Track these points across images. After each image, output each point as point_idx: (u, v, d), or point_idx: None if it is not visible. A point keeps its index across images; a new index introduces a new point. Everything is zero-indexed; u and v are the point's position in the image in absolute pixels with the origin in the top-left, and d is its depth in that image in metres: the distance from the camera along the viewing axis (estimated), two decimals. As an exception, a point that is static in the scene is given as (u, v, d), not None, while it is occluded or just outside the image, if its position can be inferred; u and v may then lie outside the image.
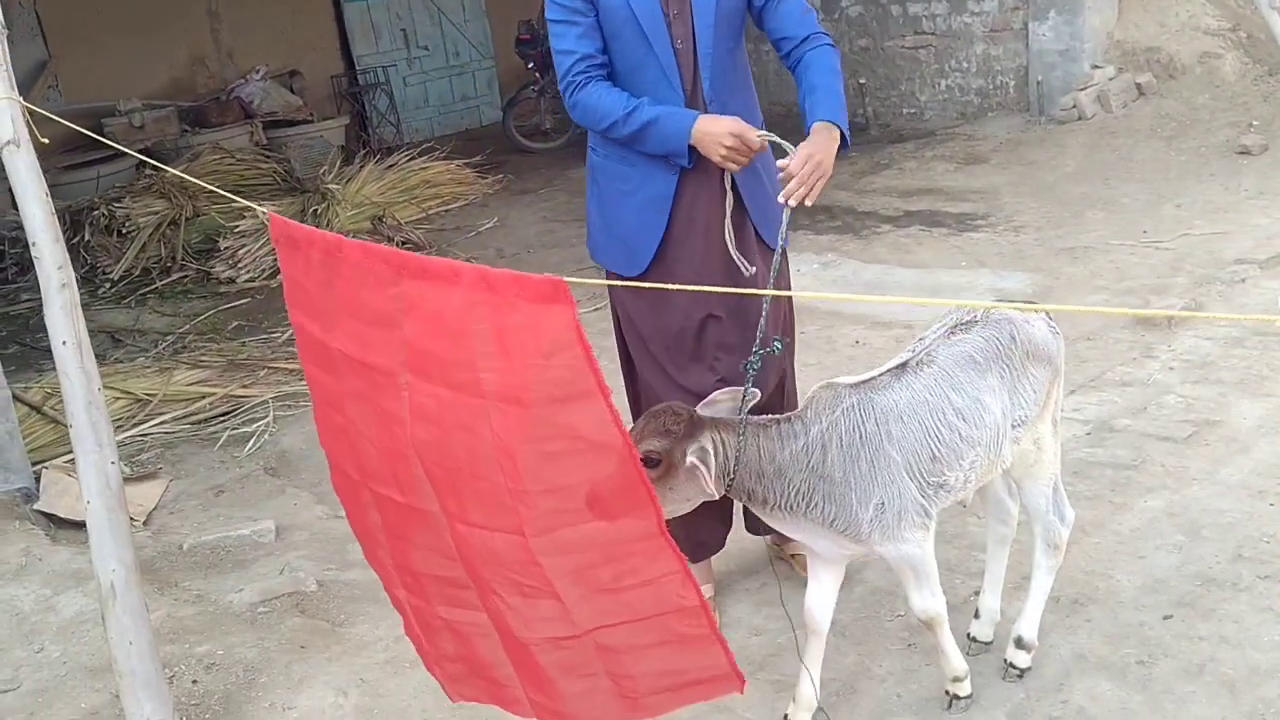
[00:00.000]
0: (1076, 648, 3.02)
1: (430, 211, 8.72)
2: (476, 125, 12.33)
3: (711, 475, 2.45)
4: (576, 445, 1.90)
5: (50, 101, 9.36)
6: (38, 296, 2.97)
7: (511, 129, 10.69)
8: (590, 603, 2.16)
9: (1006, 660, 2.94)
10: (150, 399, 5.32)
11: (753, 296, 2.91)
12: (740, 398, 2.62)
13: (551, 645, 2.25)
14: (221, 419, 5.22)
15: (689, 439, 2.47)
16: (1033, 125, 8.64)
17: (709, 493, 2.52)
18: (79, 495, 3.48)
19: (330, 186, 8.36)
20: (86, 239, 8.05)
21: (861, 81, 9.61)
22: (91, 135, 4.39)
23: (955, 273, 6.10)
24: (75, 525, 4.09)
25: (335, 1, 11.60)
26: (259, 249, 7.65)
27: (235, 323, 6.72)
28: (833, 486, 2.55)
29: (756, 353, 2.64)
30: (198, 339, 6.43)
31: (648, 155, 2.96)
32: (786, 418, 2.61)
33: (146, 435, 5.11)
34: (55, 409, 4.87)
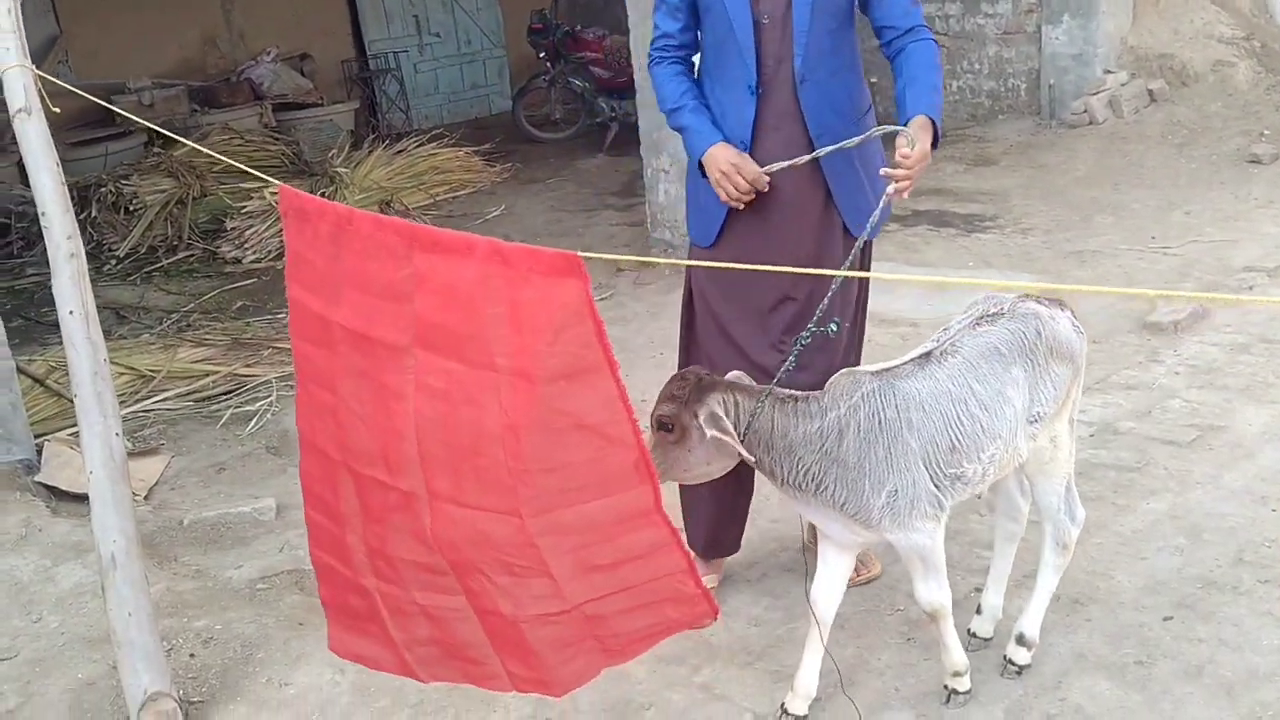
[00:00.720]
0: (1076, 646, 3.01)
1: (438, 198, 8.72)
2: (486, 114, 12.32)
3: (726, 434, 2.47)
4: (582, 421, 1.89)
5: (60, 77, 9.34)
6: (43, 271, 2.97)
7: (521, 118, 10.68)
8: (583, 579, 2.16)
9: (1006, 657, 2.93)
10: (154, 376, 5.32)
11: (828, 285, 2.87)
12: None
13: (541, 622, 2.25)
14: (224, 397, 5.23)
15: (696, 402, 2.49)
16: (1043, 129, 8.62)
17: (732, 453, 2.53)
18: (80, 468, 3.49)
19: (338, 170, 8.36)
20: (93, 215, 8.06)
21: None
22: (105, 105, 4.40)
23: (962, 273, 6.09)
24: (76, 498, 4.09)
25: (348, -15, 11.59)
26: (265, 230, 7.65)
27: (240, 303, 6.73)
28: (846, 471, 2.55)
29: (810, 330, 2.67)
30: (202, 318, 6.44)
31: (724, 128, 3.01)
32: (806, 397, 2.60)
33: (149, 411, 5.11)
34: (59, 383, 4.87)
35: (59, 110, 3.14)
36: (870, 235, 2.90)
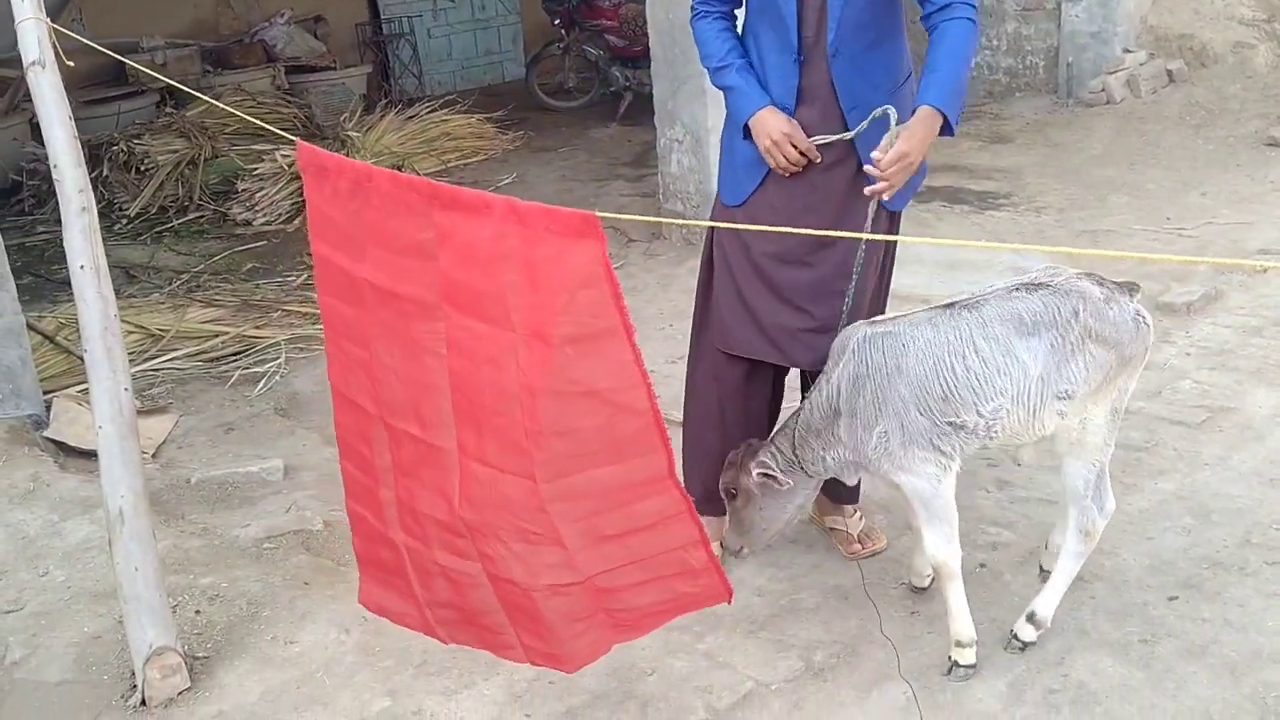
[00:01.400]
0: (1080, 623, 3.01)
1: (449, 164, 8.68)
2: (499, 81, 12.25)
3: (778, 478, 2.81)
4: (594, 387, 1.88)
5: (74, 34, 9.30)
6: (54, 229, 2.97)
7: (534, 86, 10.61)
8: (594, 549, 2.16)
9: (1013, 631, 2.93)
10: (163, 335, 5.33)
11: (846, 257, 2.99)
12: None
13: (553, 592, 2.25)
14: (233, 358, 5.23)
15: (749, 461, 2.84)
16: (1060, 107, 8.57)
17: (797, 494, 2.89)
18: (89, 425, 3.50)
19: (350, 134, 8.34)
20: (105, 174, 8.02)
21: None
22: (120, 59, 4.37)
23: (975, 251, 6.06)
24: (84, 455, 4.11)
25: (363, -53, 11.52)
26: (276, 193, 7.64)
27: (250, 264, 6.72)
28: (844, 419, 2.73)
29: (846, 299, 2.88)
30: (212, 279, 6.44)
31: (769, 92, 3.00)
32: (816, 384, 2.80)
33: (158, 370, 5.12)
34: (69, 339, 4.88)
35: (73, 64, 3.12)
36: (896, 206, 2.98)
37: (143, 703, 2.90)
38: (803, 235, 2.88)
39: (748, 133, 3.02)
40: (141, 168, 8.03)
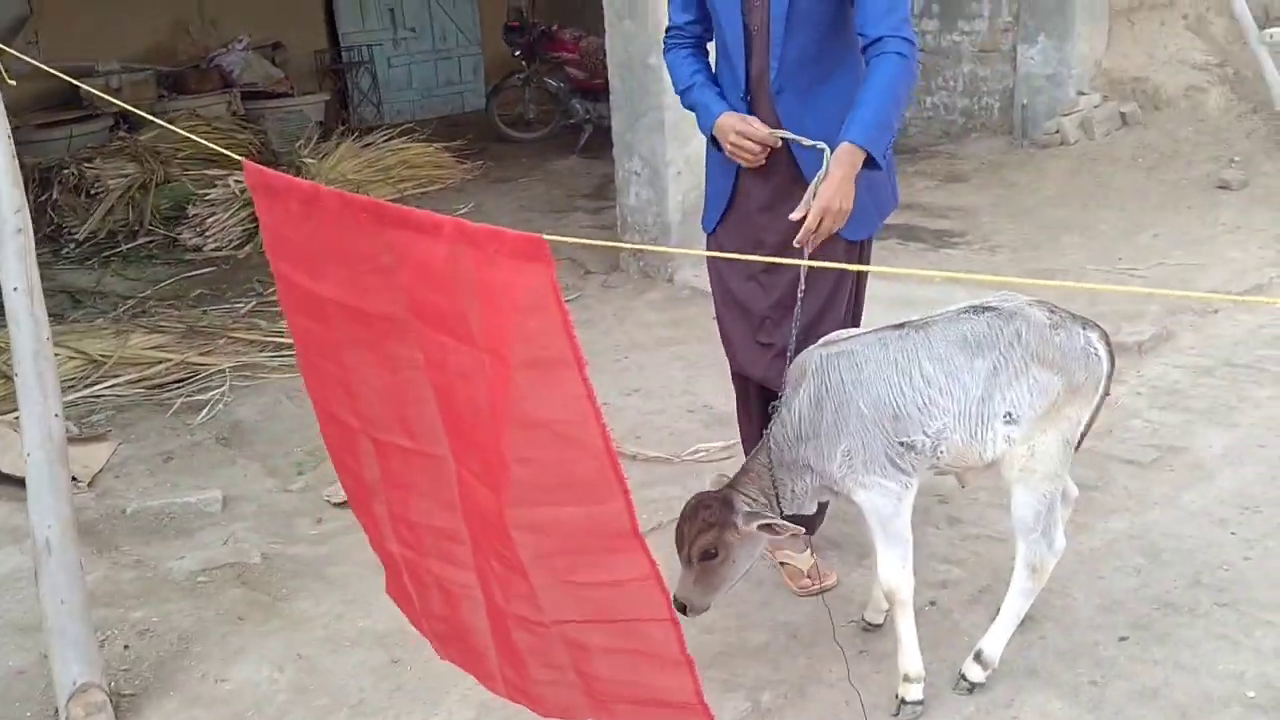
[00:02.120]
0: (1029, 664, 2.97)
1: (405, 193, 8.61)
2: (459, 111, 12.22)
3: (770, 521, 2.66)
4: (548, 417, 1.81)
5: (30, 57, 9.17)
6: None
7: (494, 116, 10.58)
8: (556, 592, 2.07)
9: (961, 672, 2.89)
10: (105, 360, 5.21)
11: (791, 283, 3.02)
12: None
13: (520, 625, 2.17)
14: (176, 385, 5.12)
15: (731, 515, 2.67)
16: (1015, 148, 8.64)
17: (759, 549, 2.79)
18: (22, 451, 3.38)
19: (305, 160, 8.25)
20: (54, 198, 7.91)
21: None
22: (73, 83, 4.30)
23: (929, 288, 6.05)
24: (17, 482, 3.98)
25: (324, -24, 11.48)
26: (228, 218, 7.54)
27: (198, 290, 6.61)
28: (809, 441, 2.70)
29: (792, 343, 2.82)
30: (159, 304, 6.32)
31: None
32: (775, 410, 2.76)
33: (99, 397, 5.00)
34: (4, 365, 4.75)
35: (14, 83, 3.05)
36: (854, 236, 2.99)
37: (65, 741, 2.79)
38: (757, 261, 2.97)
39: (715, 143, 3.09)
40: (92, 191, 7.91)
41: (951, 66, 9.24)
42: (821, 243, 2.90)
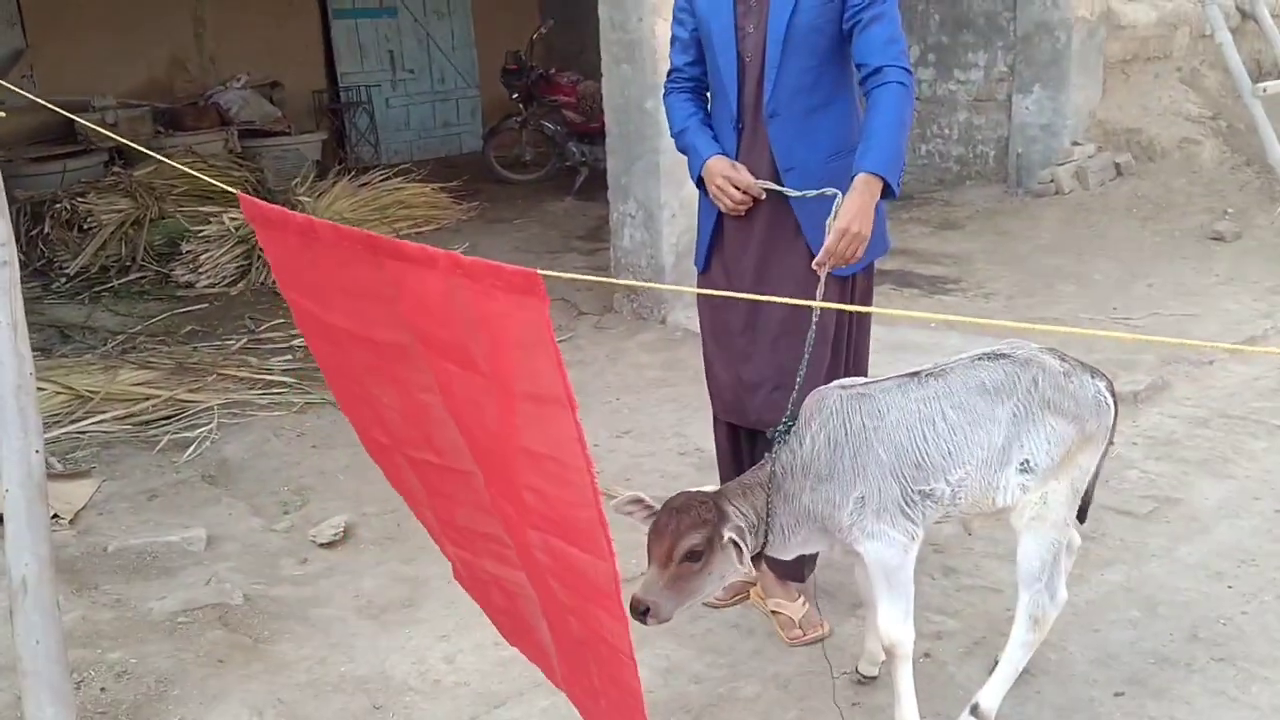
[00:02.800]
0: (1025, 718, 2.91)
1: (401, 232, 8.59)
2: (457, 152, 12.25)
3: (747, 549, 2.51)
4: (550, 452, 1.78)
5: (25, 91, 9.18)
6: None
7: (491, 158, 10.61)
8: (574, 617, 2.03)
9: (955, 726, 2.83)
10: (92, 396, 5.15)
11: (786, 315, 3.05)
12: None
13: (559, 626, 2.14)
14: (164, 422, 5.06)
15: (723, 521, 2.51)
16: (1010, 196, 8.66)
17: (742, 569, 2.57)
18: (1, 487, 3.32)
19: (301, 199, 8.25)
20: (46, 232, 7.88)
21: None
22: (69, 116, 4.28)
23: (923, 333, 6.04)
24: (-2, 518, 3.92)
25: (324, 17, 11.53)
26: (221, 255, 7.51)
27: (189, 327, 6.56)
28: (820, 483, 2.59)
29: (786, 421, 2.68)
30: (149, 340, 6.26)
31: None
32: (783, 441, 2.64)
33: (84, 433, 4.93)
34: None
35: (3, 114, 3.04)
36: (843, 272, 2.97)
37: (35, 786, 2.71)
38: (742, 298, 2.95)
39: (703, 185, 3.13)
40: (85, 226, 7.88)
41: (947, 115, 9.29)
42: (812, 277, 2.93)
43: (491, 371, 1.79)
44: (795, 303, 2.69)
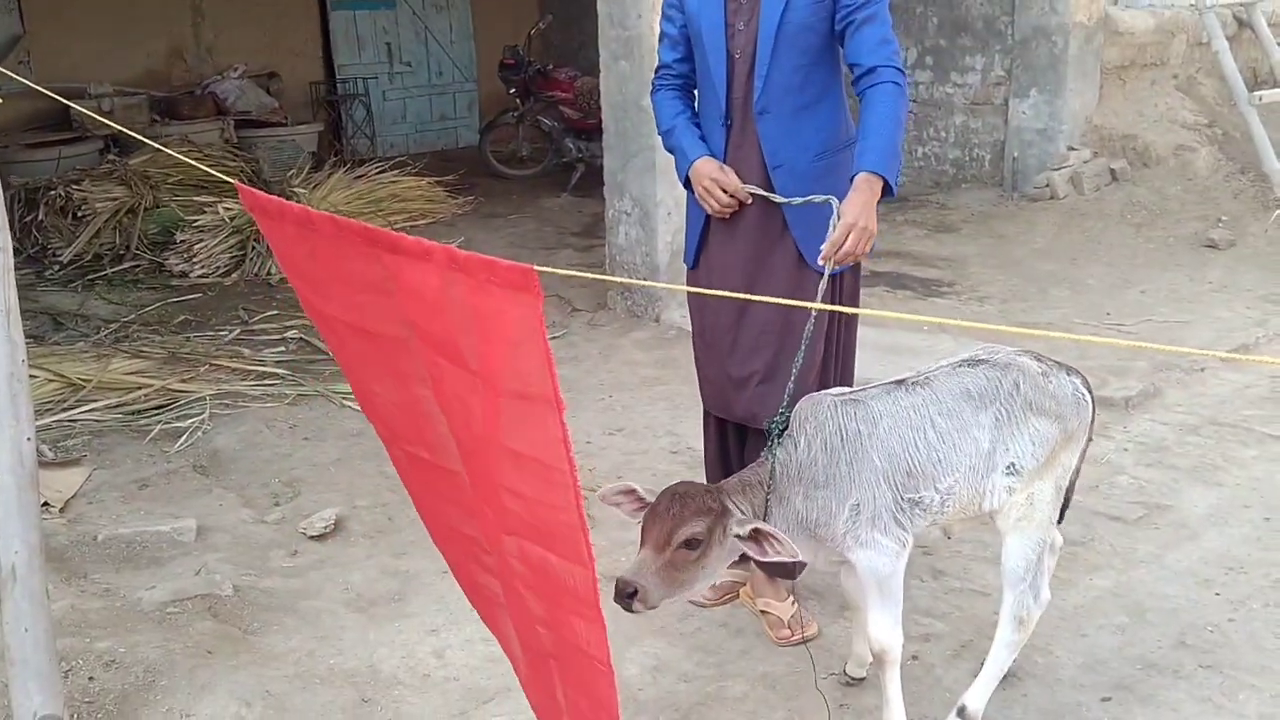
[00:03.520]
0: (1011, 722, 2.93)
1: (395, 225, 8.58)
2: (453, 146, 12.24)
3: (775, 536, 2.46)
4: (535, 453, 1.78)
5: (21, 77, 9.16)
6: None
7: (487, 153, 10.60)
8: (546, 628, 2.03)
9: (941, 728, 2.84)
10: (84, 384, 5.14)
11: (767, 318, 3.08)
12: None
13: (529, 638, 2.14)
14: (156, 412, 5.05)
15: (726, 515, 2.48)
16: (1005, 200, 8.67)
17: (725, 567, 2.57)
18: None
19: (296, 190, 8.23)
20: (40, 218, 7.85)
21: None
22: (65, 102, 4.27)
23: (916, 336, 6.05)
24: (-13, 505, 3.90)
25: (322, 8, 11.50)
26: (216, 245, 7.50)
27: (183, 317, 6.54)
28: (815, 489, 2.58)
29: (782, 413, 2.67)
30: (142, 329, 6.25)
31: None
32: (777, 443, 2.62)
33: (75, 421, 4.92)
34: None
35: (1, 100, 3.03)
36: (830, 271, 2.91)
37: (22, 775, 2.70)
38: (735, 297, 2.96)
39: (689, 185, 3.14)
40: (79, 214, 7.86)
41: (944, 118, 9.30)
42: (800, 276, 3.03)
43: (480, 369, 1.78)
44: (786, 303, 2.68)
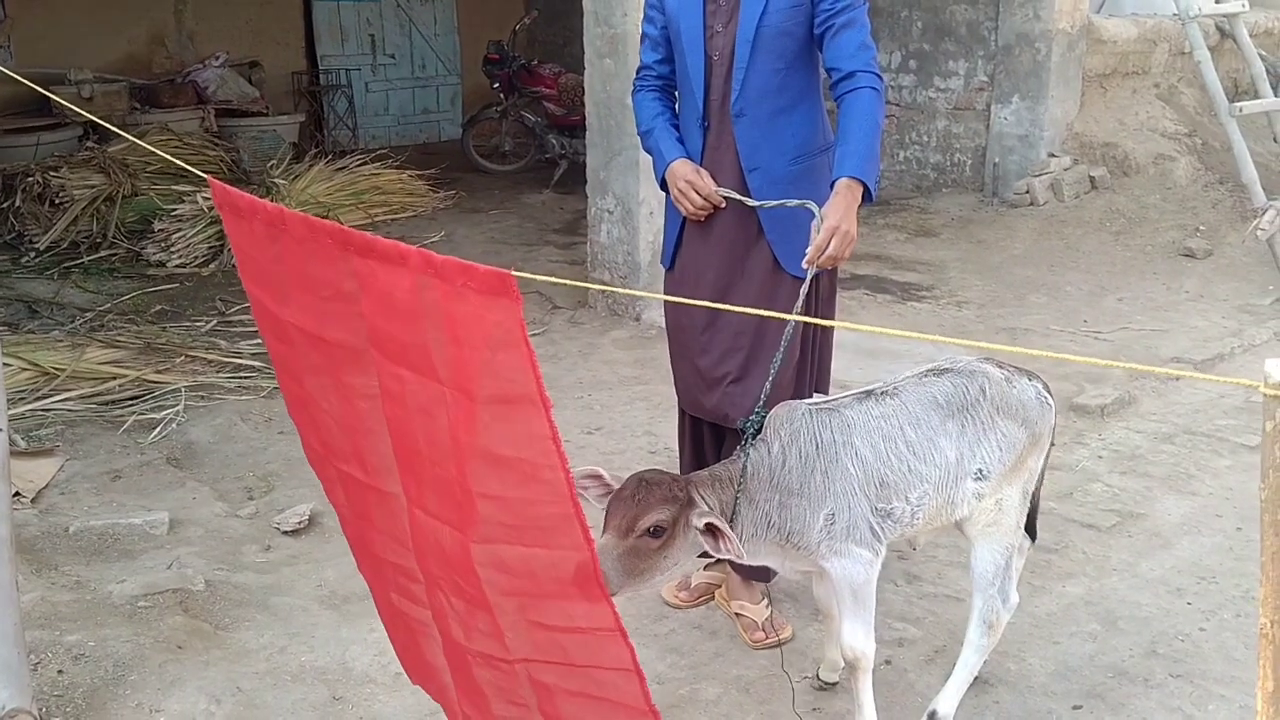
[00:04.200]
0: (982, 729, 2.94)
1: (376, 219, 8.55)
2: (435, 139, 12.18)
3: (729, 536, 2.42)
4: (516, 454, 1.77)
5: (0, 62, 9.08)
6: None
7: (469, 147, 10.56)
8: (525, 633, 2.01)
9: (912, 734, 2.85)
10: (58, 374, 5.10)
11: (741, 320, 3.06)
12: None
13: (485, 662, 2.11)
14: (130, 403, 5.01)
15: (691, 505, 2.44)
16: (985, 205, 8.71)
17: (690, 562, 2.58)
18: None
19: (276, 180, 8.18)
20: (17, 205, 7.77)
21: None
22: (42, 92, 4.23)
23: (895, 340, 6.07)
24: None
25: (306, -2, 11.45)
26: (194, 235, 7.44)
27: (159, 307, 6.49)
28: (789, 497, 2.57)
29: (758, 413, 2.65)
30: (117, 319, 6.20)
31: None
32: (750, 443, 2.60)
33: (49, 411, 4.88)
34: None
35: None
36: (797, 272, 2.95)
37: (-11, 768, 2.68)
38: (705, 292, 3.05)
39: (665, 186, 3.15)
40: (56, 200, 7.79)
41: (926, 122, 9.32)
42: (775, 280, 3.04)
43: (450, 377, 1.76)
44: (763, 314, 2.67)
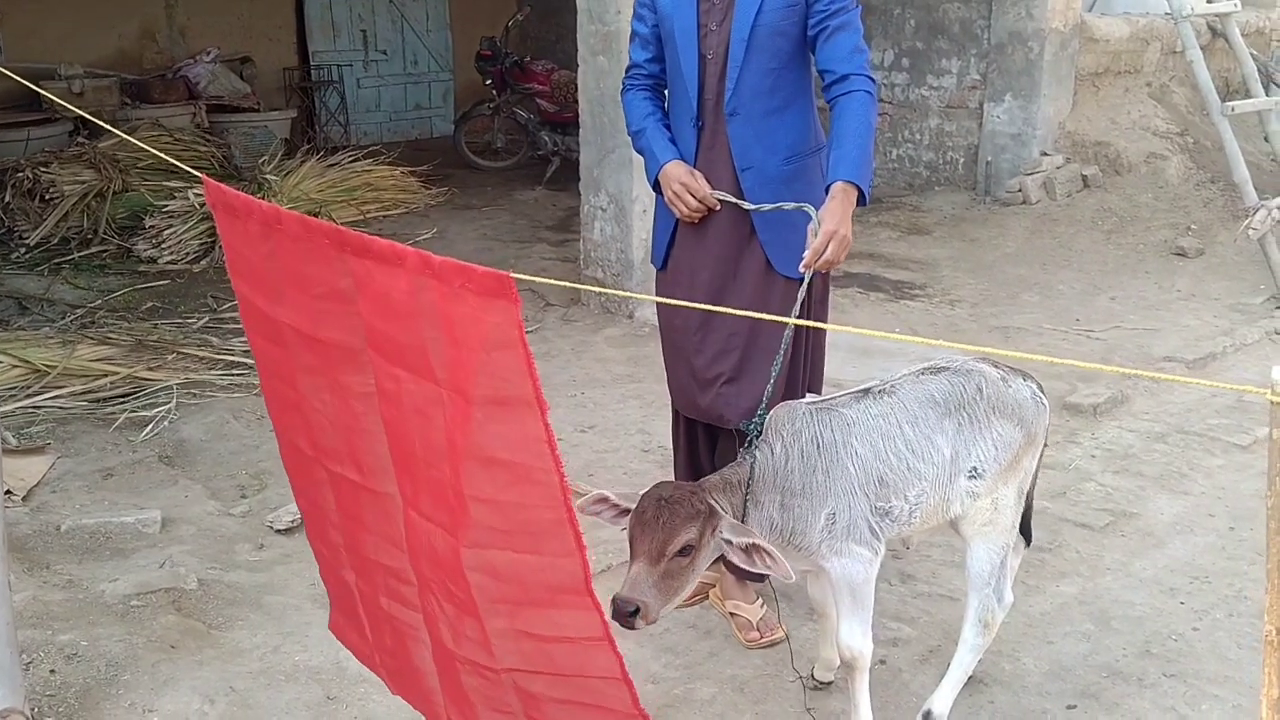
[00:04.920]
0: (977, 729, 2.94)
1: (368, 215, 8.52)
2: (427, 136, 12.15)
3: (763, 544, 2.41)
4: (510, 457, 1.75)
5: (-11, 57, 9.05)
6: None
7: (462, 144, 10.54)
8: (510, 640, 2.00)
9: (907, 734, 2.85)
10: (49, 371, 5.08)
11: (735, 321, 3.04)
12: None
13: (472, 669, 2.10)
14: (121, 400, 4.99)
15: (715, 515, 2.42)
16: (977, 204, 8.71)
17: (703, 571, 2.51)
18: (-48, 461, 3.27)
19: (268, 177, 8.15)
20: (7, 200, 7.75)
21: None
22: (31, 87, 4.20)
23: (887, 339, 6.07)
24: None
25: (297, -6, 11.40)
26: (185, 231, 7.41)
27: (150, 303, 6.46)
28: (790, 498, 2.57)
29: (761, 414, 2.66)
30: (108, 316, 6.17)
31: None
32: (755, 445, 2.61)
33: (39, 408, 4.86)
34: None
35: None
36: (789, 272, 2.97)
37: (-19, 768, 2.67)
38: (699, 293, 3.06)
39: (659, 188, 3.13)
40: (47, 196, 7.76)
41: (918, 120, 9.33)
42: (769, 281, 3.04)
43: (447, 379, 1.75)
44: (758, 316, 2.67)
